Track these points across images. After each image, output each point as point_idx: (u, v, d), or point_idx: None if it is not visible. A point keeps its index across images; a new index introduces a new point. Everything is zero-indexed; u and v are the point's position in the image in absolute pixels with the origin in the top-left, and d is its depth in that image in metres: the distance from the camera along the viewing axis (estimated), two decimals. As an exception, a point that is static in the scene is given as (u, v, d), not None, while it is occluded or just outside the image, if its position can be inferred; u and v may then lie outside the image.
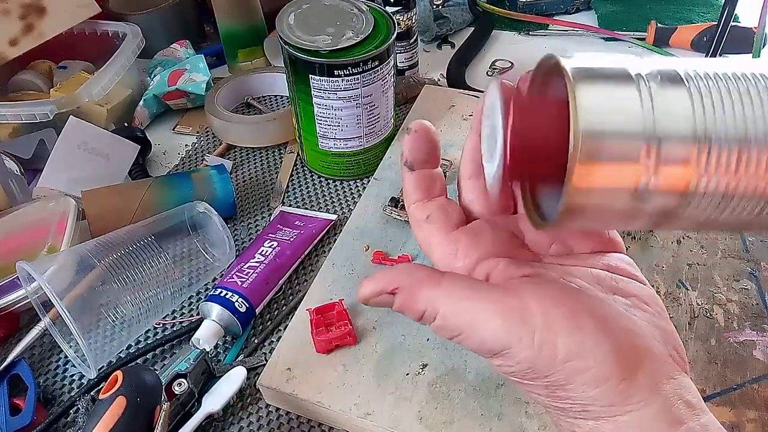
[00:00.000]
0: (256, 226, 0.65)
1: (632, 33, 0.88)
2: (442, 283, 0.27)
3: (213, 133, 0.77)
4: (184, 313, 0.58)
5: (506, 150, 0.26)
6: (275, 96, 0.82)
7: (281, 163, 0.73)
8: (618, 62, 0.25)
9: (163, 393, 0.45)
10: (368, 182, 0.65)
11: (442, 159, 0.65)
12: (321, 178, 0.70)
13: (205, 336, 0.52)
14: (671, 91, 0.24)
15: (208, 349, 0.51)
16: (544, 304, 0.26)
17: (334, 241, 0.59)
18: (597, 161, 0.24)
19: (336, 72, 0.59)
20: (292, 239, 0.60)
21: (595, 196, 0.25)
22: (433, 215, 0.31)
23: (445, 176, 0.62)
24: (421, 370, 0.48)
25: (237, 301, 0.54)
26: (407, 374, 0.47)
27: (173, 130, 0.79)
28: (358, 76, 0.60)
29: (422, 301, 0.27)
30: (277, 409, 0.50)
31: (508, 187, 0.27)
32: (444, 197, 0.31)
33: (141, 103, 0.78)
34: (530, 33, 0.92)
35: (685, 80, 0.24)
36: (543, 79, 0.27)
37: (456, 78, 0.82)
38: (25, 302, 0.54)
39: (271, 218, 0.65)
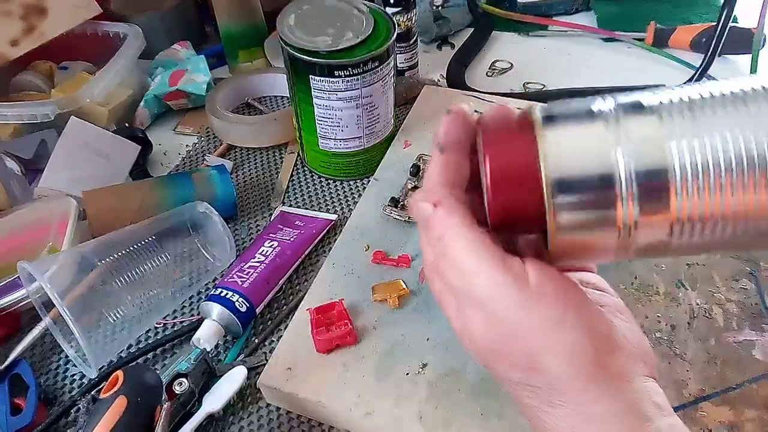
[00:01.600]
0: (256, 226, 0.65)
1: (631, 33, 0.88)
2: (466, 220, 0.28)
3: (213, 134, 0.77)
4: (184, 313, 0.58)
5: (488, 205, 0.27)
6: (275, 96, 0.83)
7: (281, 163, 0.73)
8: (584, 104, 0.25)
9: (164, 393, 0.45)
10: (368, 182, 0.65)
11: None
12: (321, 178, 0.70)
13: (206, 336, 0.52)
14: (637, 122, 0.23)
15: (208, 349, 0.51)
16: (541, 275, 0.27)
17: (334, 241, 0.59)
18: (569, 208, 0.24)
19: (336, 72, 0.59)
20: (292, 239, 0.60)
21: (580, 244, 0.25)
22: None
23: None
24: (421, 370, 0.48)
25: (237, 300, 0.54)
26: (407, 374, 0.48)
27: (174, 130, 0.79)
28: (358, 76, 0.60)
29: (444, 227, 0.28)
30: (278, 408, 0.50)
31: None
32: (461, 188, 0.31)
33: (142, 103, 0.78)
34: (530, 34, 0.92)
35: (649, 110, 0.24)
36: (520, 127, 0.27)
37: (456, 79, 0.82)
38: (26, 302, 0.54)
39: (272, 218, 0.65)
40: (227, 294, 0.54)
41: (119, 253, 0.52)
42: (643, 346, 0.29)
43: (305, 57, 0.59)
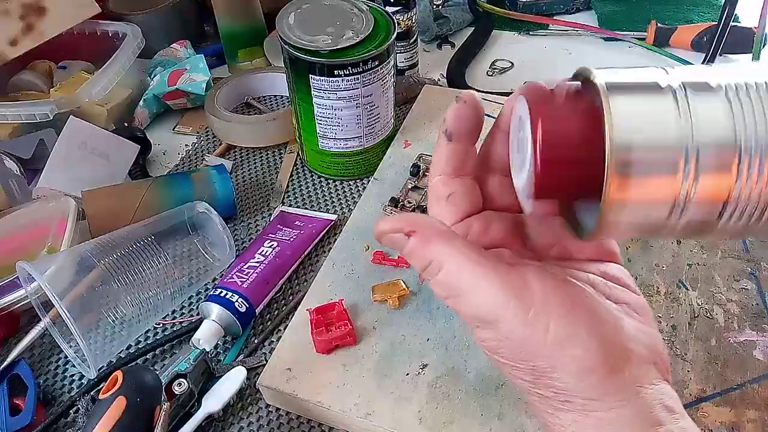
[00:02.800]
0: (256, 226, 0.65)
1: (632, 33, 0.88)
2: (456, 241, 0.27)
3: (213, 133, 0.77)
4: (184, 313, 0.58)
5: (537, 164, 0.25)
6: (275, 96, 0.82)
7: (281, 163, 0.73)
8: (648, 75, 0.25)
9: (163, 393, 0.45)
10: (368, 182, 0.65)
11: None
12: (321, 178, 0.70)
13: (205, 336, 0.52)
14: (705, 101, 0.24)
15: (208, 349, 0.51)
16: (545, 288, 0.26)
17: (334, 241, 0.59)
18: (632, 174, 0.23)
19: (336, 72, 0.59)
20: (292, 239, 0.60)
21: (632, 209, 0.24)
22: (456, 196, 0.30)
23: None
24: (421, 370, 0.48)
25: (237, 301, 0.54)
26: (407, 374, 0.47)
27: (173, 130, 0.79)
28: (358, 76, 0.60)
29: (432, 252, 0.27)
30: (277, 409, 0.50)
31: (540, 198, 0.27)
32: (471, 177, 0.31)
33: (141, 103, 0.78)
34: (530, 33, 0.92)
35: (716, 89, 0.24)
36: (574, 92, 0.27)
37: (456, 78, 0.82)
38: (25, 302, 0.54)
39: (271, 218, 0.65)
40: (227, 294, 0.54)
41: (118, 254, 0.52)
42: (656, 348, 0.28)
43: (305, 56, 0.59)
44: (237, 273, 0.56)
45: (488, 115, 0.30)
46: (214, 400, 0.48)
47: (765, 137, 0.23)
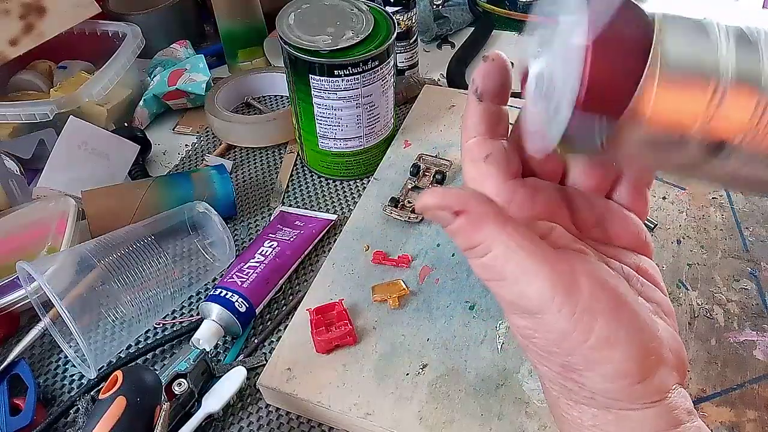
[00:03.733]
0: (256, 226, 0.65)
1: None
2: (508, 226, 0.25)
3: (213, 133, 0.77)
4: (184, 313, 0.58)
5: (585, 77, 0.25)
6: (275, 96, 0.82)
7: (281, 163, 0.73)
8: (695, 13, 0.26)
9: (163, 393, 0.45)
10: (368, 182, 0.65)
11: (442, 159, 0.65)
12: (321, 178, 0.70)
13: (205, 336, 0.52)
14: (745, 45, 0.25)
15: (208, 349, 0.51)
16: (593, 285, 0.25)
17: (334, 241, 0.59)
18: (665, 85, 0.25)
19: (336, 72, 0.59)
20: (292, 239, 0.60)
21: (655, 119, 0.25)
22: (495, 156, 0.29)
23: (445, 176, 0.63)
24: (421, 370, 0.48)
25: (237, 301, 0.54)
26: (407, 374, 0.47)
27: (173, 130, 0.79)
28: (358, 76, 0.60)
29: (482, 235, 0.25)
30: (277, 409, 0.50)
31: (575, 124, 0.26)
32: (505, 141, 0.29)
33: (141, 103, 0.78)
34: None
35: (754, 37, 0.25)
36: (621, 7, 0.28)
37: (456, 78, 0.82)
38: (25, 302, 0.54)
39: (271, 218, 0.65)
40: (227, 294, 0.54)
41: (118, 253, 0.52)
42: (680, 352, 0.28)
43: (305, 56, 0.59)
44: (237, 273, 0.56)
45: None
46: (214, 400, 0.48)
47: None
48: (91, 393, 0.50)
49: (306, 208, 0.67)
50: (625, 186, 0.31)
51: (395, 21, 0.62)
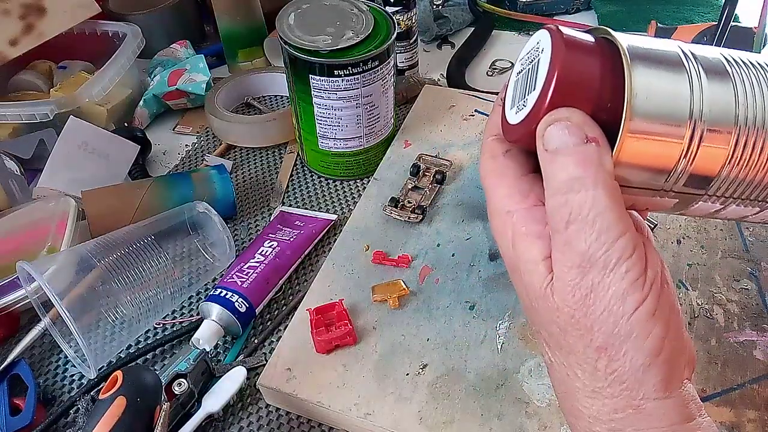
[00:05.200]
0: (256, 226, 0.65)
1: (632, 33, 0.88)
2: (612, 177, 0.26)
3: (213, 133, 0.77)
4: (184, 313, 0.58)
5: (551, 85, 0.25)
6: (275, 96, 0.82)
7: (281, 163, 0.73)
8: (667, 46, 0.26)
9: (163, 393, 0.45)
10: (368, 182, 0.65)
11: (442, 159, 0.65)
12: (321, 178, 0.70)
13: (205, 336, 0.52)
14: (717, 80, 0.25)
15: (208, 349, 0.51)
16: (652, 258, 0.26)
17: (334, 241, 0.59)
18: (645, 135, 0.25)
19: (336, 72, 0.59)
20: (292, 239, 0.60)
21: (636, 167, 0.26)
22: (514, 152, 0.30)
23: (445, 176, 0.63)
24: (421, 370, 0.48)
25: (237, 301, 0.54)
26: (407, 374, 0.47)
27: (173, 130, 0.79)
28: (358, 76, 0.60)
29: (590, 170, 0.25)
30: (277, 409, 0.50)
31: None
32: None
33: (141, 103, 0.78)
34: (530, 33, 0.92)
35: (728, 69, 0.26)
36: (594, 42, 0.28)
37: (456, 78, 0.82)
38: (25, 302, 0.54)
39: (271, 218, 0.65)
40: (227, 294, 0.54)
41: (118, 254, 0.52)
42: (692, 349, 0.29)
43: (305, 56, 0.59)
44: (237, 273, 0.56)
45: (486, 115, 0.30)
46: (214, 400, 0.48)
47: (759, 118, 0.25)
48: (91, 393, 0.50)
49: (306, 208, 0.67)
50: None
51: (395, 21, 0.62)
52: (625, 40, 0.26)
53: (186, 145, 0.77)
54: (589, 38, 0.27)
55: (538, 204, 0.29)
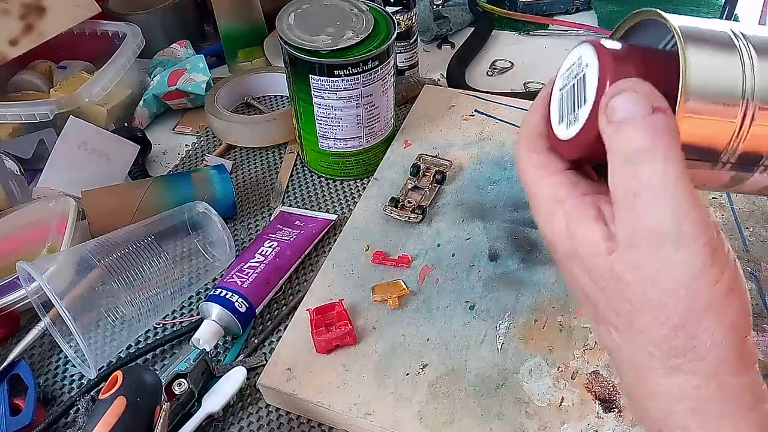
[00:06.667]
0: (256, 226, 0.65)
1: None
2: (680, 150, 0.25)
3: (213, 133, 0.77)
4: (184, 313, 0.58)
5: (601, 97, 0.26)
6: (275, 96, 0.82)
7: (281, 163, 0.73)
8: (717, 26, 0.27)
9: (163, 393, 0.45)
10: (368, 182, 0.65)
11: (442, 159, 0.65)
12: (321, 178, 0.70)
13: (205, 336, 0.52)
14: (766, 58, 0.26)
15: (208, 349, 0.51)
16: (720, 239, 0.26)
17: (334, 241, 0.59)
18: (698, 116, 0.25)
19: (336, 72, 0.59)
20: (292, 239, 0.60)
21: (689, 147, 0.26)
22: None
23: (445, 176, 0.63)
24: (421, 370, 0.48)
25: (237, 301, 0.54)
26: (407, 374, 0.47)
27: (173, 130, 0.79)
28: (358, 76, 0.60)
29: (659, 141, 0.24)
30: (277, 409, 0.50)
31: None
32: None
33: (141, 103, 0.78)
34: (530, 33, 0.92)
35: None
36: (626, 32, 0.29)
37: (456, 78, 0.82)
38: (25, 302, 0.53)
39: (271, 218, 0.65)
40: (227, 294, 0.54)
41: (118, 254, 0.52)
42: None
43: (305, 56, 0.59)
44: (237, 273, 0.56)
45: (486, 115, 0.30)
46: (214, 400, 0.48)
47: None
48: (91, 393, 0.50)
49: (306, 208, 0.67)
50: None
51: (395, 21, 0.62)
52: (676, 21, 0.26)
53: (186, 145, 0.77)
54: (622, 44, 0.28)
55: (588, 193, 0.28)
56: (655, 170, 0.24)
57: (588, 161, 0.30)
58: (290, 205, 0.67)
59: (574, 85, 0.28)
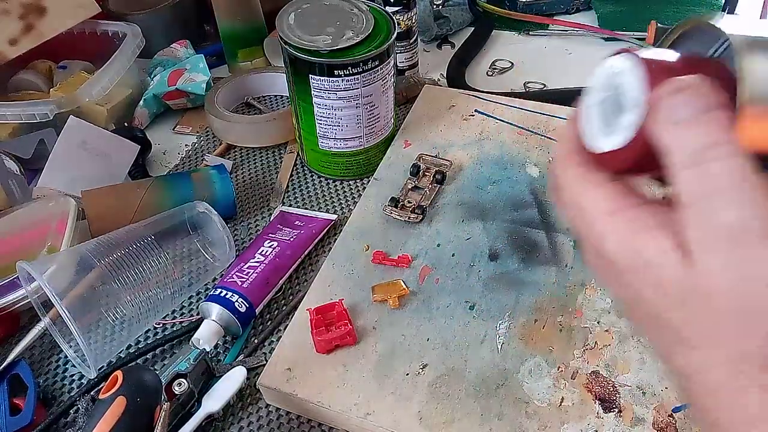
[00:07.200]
0: (256, 226, 0.65)
1: (632, 33, 0.88)
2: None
3: (213, 133, 0.77)
4: (184, 313, 0.58)
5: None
6: (275, 96, 0.82)
7: (281, 163, 0.73)
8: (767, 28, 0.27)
9: (163, 393, 0.45)
10: (368, 182, 0.65)
11: (442, 159, 0.65)
12: (321, 178, 0.70)
13: (205, 336, 0.52)
14: None
15: (208, 349, 0.51)
16: None
17: (334, 241, 0.59)
18: (756, 121, 0.24)
19: (336, 72, 0.59)
20: (292, 239, 0.60)
21: (751, 142, 0.25)
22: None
23: (445, 176, 0.63)
24: (421, 370, 0.48)
25: (237, 301, 0.54)
26: (407, 374, 0.47)
27: (173, 130, 0.79)
28: (358, 76, 0.60)
29: (731, 137, 0.23)
30: (277, 409, 0.50)
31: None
32: None
33: (141, 102, 0.78)
34: (530, 33, 0.92)
35: None
36: (674, 41, 0.29)
37: (456, 78, 0.82)
38: (25, 302, 0.54)
39: (271, 218, 0.65)
40: (227, 294, 0.54)
41: (118, 253, 0.52)
42: None
43: (305, 56, 0.59)
44: (237, 273, 0.56)
45: (486, 115, 0.30)
46: (214, 400, 0.48)
47: None
48: (91, 393, 0.50)
49: (306, 208, 0.67)
50: None
51: (395, 21, 0.62)
52: (728, 27, 0.26)
53: (186, 145, 0.77)
54: (666, 50, 0.27)
55: (641, 203, 0.26)
56: (726, 165, 0.23)
57: (631, 173, 0.28)
58: (290, 205, 0.67)
59: (610, 97, 0.27)
